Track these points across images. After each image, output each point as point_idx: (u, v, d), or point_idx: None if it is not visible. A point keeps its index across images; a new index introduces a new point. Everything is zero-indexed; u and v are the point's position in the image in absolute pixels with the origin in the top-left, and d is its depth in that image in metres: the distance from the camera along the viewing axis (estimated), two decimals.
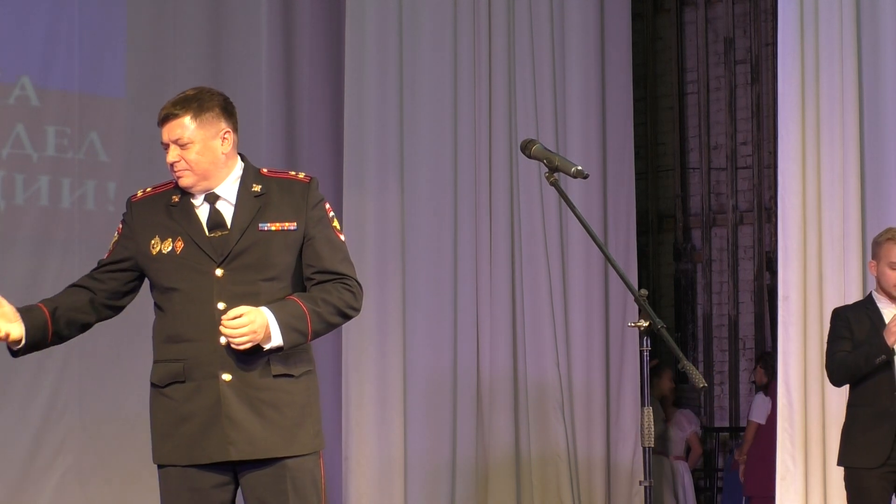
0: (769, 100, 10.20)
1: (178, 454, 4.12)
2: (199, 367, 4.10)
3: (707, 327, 10.78)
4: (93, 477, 7.70)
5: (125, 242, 4.27)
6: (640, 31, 10.90)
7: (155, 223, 4.20)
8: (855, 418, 6.03)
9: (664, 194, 11.08)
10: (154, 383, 4.20)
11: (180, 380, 4.12)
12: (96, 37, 7.88)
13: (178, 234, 4.15)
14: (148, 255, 4.19)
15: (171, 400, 4.14)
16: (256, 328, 3.98)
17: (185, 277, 4.13)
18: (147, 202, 4.26)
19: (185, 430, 4.10)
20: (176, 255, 4.14)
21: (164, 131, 4.27)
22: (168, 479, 4.18)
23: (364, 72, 8.23)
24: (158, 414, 4.17)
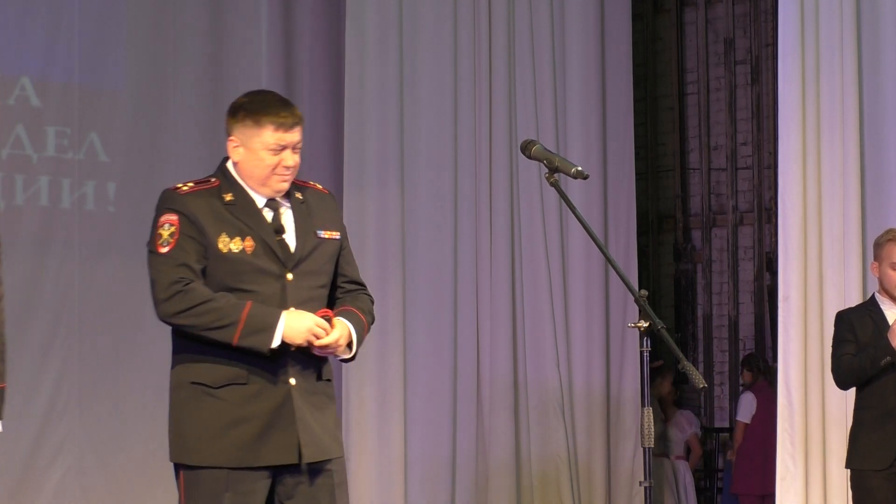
0: (769, 100, 10.19)
1: (228, 456, 4.02)
2: (264, 370, 4.05)
3: (707, 328, 10.78)
4: (93, 477, 7.70)
5: (191, 232, 4.09)
6: (640, 32, 10.90)
7: (218, 219, 4.10)
8: (862, 421, 6.02)
9: (664, 195, 11.08)
10: (203, 383, 4.06)
11: (240, 382, 4.05)
12: (96, 32, 7.88)
13: (248, 234, 4.10)
14: (216, 251, 4.07)
15: (223, 402, 4.04)
16: (345, 342, 4.11)
17: (256, 280, 4.08)
18: (197, 196, 4.14)
19: (239, 433, 4.02)
20: (247, 256, 4.09)
21: (291, 134, 4.14)
22: (204, 480, 4.04)
23: (364, 72, 8.23)
24: (203, 415, 4.04)
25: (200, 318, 4.00)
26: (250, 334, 3.99)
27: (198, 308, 4.00)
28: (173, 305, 4.02)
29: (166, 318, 4.07)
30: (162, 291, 4.05)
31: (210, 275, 4.07)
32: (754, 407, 9.51)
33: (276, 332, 4.00)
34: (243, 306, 4.00)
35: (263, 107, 4.15)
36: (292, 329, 4.02)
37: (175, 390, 4.11)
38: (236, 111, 4.19)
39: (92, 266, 7.80)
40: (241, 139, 4.15)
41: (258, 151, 4.12)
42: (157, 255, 4.10)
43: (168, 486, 8.03)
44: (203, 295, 4.01)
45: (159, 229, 4.13)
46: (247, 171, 4.15)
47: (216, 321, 3.99)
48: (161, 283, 4.06)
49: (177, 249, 4.07)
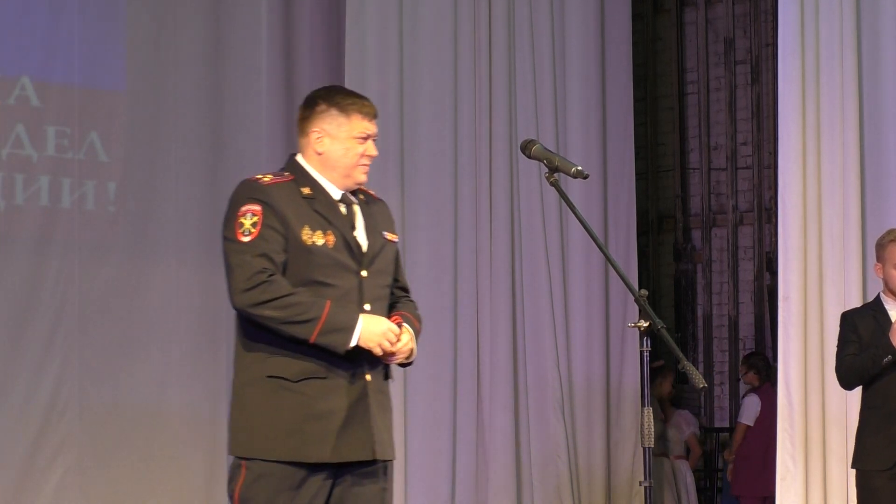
0: (769, 100, 10.19)
1: (306, 452, 4.01)
2: (342, 366, 4.05)
3: (707, 328, 10.77)
4: (93, 477, 7.70)
5: (274, 224, 4.05)
6: (641, 32, 10.89)
7: (300, 212, 4.10)
8: (867, 421, 6.03)
9: (664, 194, 11.08)
10: (282, 377, 4.03)
11: (319, 376, 4.03)
12: (97, 32, 7.88)
13: (328, 229, 4.11)
14: (300, 243, 4.07)
15: (301, 395, 4.02)
16: (412, 347, 4.18)
17: (336, 274, 4.09)
18: (279, 188, 4.12)
19: (318, 427, 4.01)
20: (329, 250, 4.10)
21: (373, 124, 4.27)
22: (273, 476, 4.01)
23: (364, 72, 8.23)
24: (280, 409, 4.01)
25: (282, 311, 3.97)
26: (329, 332, 3.98)
27: (281, 300, 3.97)
28: (256, 295, 3.98)
29: (246, 307, 4.01)
30: (244, 281, 3.99)
31: (291, 267, 4.06)
32: (759, 410, 9.49)
33: (354, 334, 4.01)
34: (324, 304, 3.99)
35: (347, 97, 4.22)
36: (369, 332, 4.04)
37: (247, 385, 4.07)
38: (316, 104, 4.20)
39: (92, 266, 7.80)
40: (325, 130, 4.17)
41: (346, 140, 4.17)
42: (238, 244, 4.04)
43: (168, 486, 8.06)
44: (286, 288, 3.99)
45: (240, 218, 4.06)
46: (331, 162, 4.18)
47: (297, 315, 3.97)
48: (243, 271, 4.00)
49: (259, 239, 4.03)
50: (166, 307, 8.03)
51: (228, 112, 8.37)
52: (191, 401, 8.10)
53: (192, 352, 8.12)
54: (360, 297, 4.11)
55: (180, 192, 8.14)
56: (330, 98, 4.20)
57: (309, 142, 4.20)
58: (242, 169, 8.40)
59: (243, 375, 4.09)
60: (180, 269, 8.13)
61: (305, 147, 4.22)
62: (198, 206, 8.21)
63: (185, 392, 8.08)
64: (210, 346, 8.22)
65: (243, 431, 4.06)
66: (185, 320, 8.11)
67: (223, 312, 8.28)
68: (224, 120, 8.36)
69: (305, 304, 3.98)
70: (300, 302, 3.98)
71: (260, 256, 4.00)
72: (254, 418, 4.04)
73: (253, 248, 4.01)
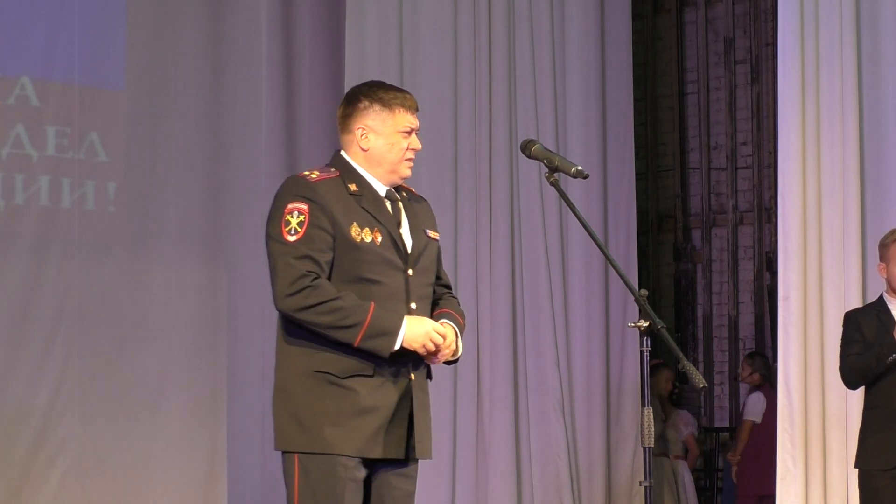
0: (769, 100, 10.19)
1: (353, 445, 4.02)
2: (388, 364, 4.06)
3: (707, 327, 10.77)
4: (93, 477, 7.70)
5: (321, 223, 4.04)
6: (641, 32, 10.89)
7: (348, 209, 4.09)
8: (870, 420, 6.03)
9: (664, 194, 11.08)
10: (329, 373, 4.02)
11: (367, 373, 4.04)
12: (97, 32, 7.88)
13: (375, 226, 4.11)
14: (350, 241, 4.06)
15: (351, 391, 4.02)
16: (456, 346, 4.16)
17: (384, 272, 4.09)
18: (326, 185, 4.12)
19: (365, 423, 4.02)
20: (376, 247, 4.09)
21: (416, 118, 4.27)
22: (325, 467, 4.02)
23: (364, 72, 8.22)
24: (328, 403, 4.01)
25: (325, 317, 3.97)
26: (372, 337, 3.99)
27: (324, 306, 3.96)
28: (300, 301, 3.97)
29: (290, 311, 4.01)
30: (289, 285, 3.98)
31: (339, 264, 4.05)
32: (765, 407, 9.46)
33: (398, 337, 4.01)
34: (367, 308, 3.99)
35: (388, 91, 4.22)
36: (413, 334, 4.04)
37: (293, 378, 4.06)
38: (357, 100, 4.21)
39: (92, 266, 7.80)
40: (370, 126, 4.18)
41: (392, 135, 4.19)
42: (283, 244, 4.02)
43: (168, 486, 8.06)
44: (330, 292, 3.98)
45: (286, 216, 4.04)
46: (377, 157, 4.18)
47: (341, 320, 3.97)
48: (288, 275, 3.99)
49: (305, 239, 4.01)
50: (166, 307, 8.03)
51: (228, 112, 8.37)
52: (191, 401, 8.10)
53: (192, 351, 8.12)
54: (406, 296, 4.12)
55: (180, 191, 8.14)
56: (372, 93, 4.20)
57: (353, 138, 4.20)
58: (242, 169, 8.41)
59: (289, 369, 4.08)
60: (180, 269, 8.13)
61: (349, 144, 4.22)
62: (198, 205, 8.22)
63: (185, 392, 8.08)
64: (210, 345, 8.22)
65: (292, 426, 4.05)
66: (185, 320, 8.11)
67: (223, 312, 8.30)
68: (224, 120, 8.36)
69: (349, 308, 3.97)
70: (343, 307, 3.97)
71: (304, 258, 3.99)
72: (303, 412, 4.03)
73: (298, 249, 4.00)
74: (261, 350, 8.43)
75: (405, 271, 4.14)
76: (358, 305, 3.98)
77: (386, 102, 4.18)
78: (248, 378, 8.36)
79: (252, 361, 8.39)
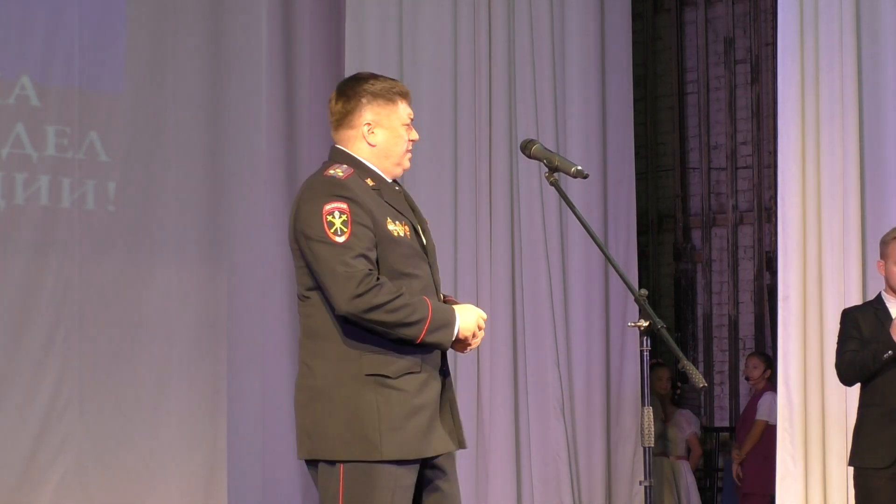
0: (769, 100, 10.19)
1: (407, 448, 3.95)
2: (430, 359, 4.04)
3: (707, 327, 10.77)
4: (93, 477, 7.70)
5: (363, 220, 3.95)
6: (641, 31, 10.89)
7: (378, 203, 4.04)
8: (865, 418, 6.03)
9: (664, 194, 11.08)
10: (382, 374, 3.95)
11: (415, 371, 3.99)
12: (97, 32, 7.88)
13: (402, 219, 4.07)
14: (389, 236, 3.99)
15: (402, 392, 3.96)
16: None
17: (417, 265, 4.08)
18: (355, 181, 4.04)
19: (415, 423, 3.96)
20: (408, 240, 4.06)
21: (412, 109, 4.20)
22: (378, 476, 3.93)
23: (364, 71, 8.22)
24: (384, 407, 3.93)
25: (393, 315, 3.90)
26: (435, 330, 3.96)
27: (392, 304, 3.90)
28: (369, 300, 3.88)
29: (358, 312, 3.89)
30: (356, 286, 3.87)
31: (381, 261, 3.98)
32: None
33: (455, 328, 4.01)
34: (426, 302, 3.96)
35: (385, 82, 4.16)
36: (466, 322, 4.05)
37: (339, 385, 3.95)
38: (359, 95, 4.13)
39: (92, 266, 7.80)
40: (376, 120, 4.11)
41: (397, 128, 4.14)
42: (333, 245, 3.91)
43: (168, 486, 8.05)
44: (394, 290, 3.92)
45: (327, 217, 3.93)
46: (385, 151, 4.13)
47: (407, 317, 3.92)
48: (352, 276, 3.87)
49: (354, 238, 3.92)
50: (166, 307, 8.04)
51: (228, 112, 8.37)
52: (191, 401, 8.10)
53: (192, 352, 8.12)
54: (436, 286, 4.12)
55: (180, 191, 8.14)
56: (370, 87, 4.13)
57: (358, 134, 4.13)
58: (242, 169, 8.41)
59: (333, 376, 3.96)
60: (180, 269, 8.13)
61: (352, 139, 4.13)
62: (198, 205, 8.22)
63: (185, 392, 8.08)
64: (210, 345, 8.22)
65: (339, 434, 3.93)
66: (185, 320, 8.11)
67: (223, 312, 8.29)
68: (224, 120, 8.36)
69: (412, 304, 3.93)
70: (408, 303, 3.92)
71: (360, 258, 3.91)
72: (353, 419, 3.93)
73: (351, 249, 3.91)
74: (261, 350, 8.44)
75: (427, 262, 4.13)
76: (419, 301, 3.95)
77: (388, 96, 4.13)
78: (248, 378, 8.36)
79: (252, 362, 8.39)
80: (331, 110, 4.19)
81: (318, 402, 3.97)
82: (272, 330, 8.50)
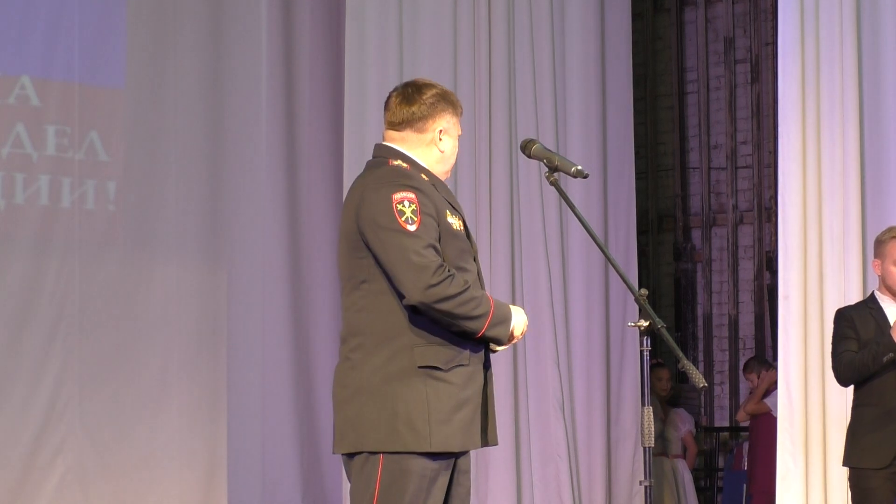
0: (769, 99, 10.19)
1: (453, 441, 3.98)
2: (477, 352, 4.07)
3: (707, 327, 10.78)
4: (93, 477, 7.70)
5: (430, 210, 3.98)
6: (640, 31, 10.89)
7: (438, 197, 4.07)
8: (861, 418, 6.01)
9: (664, 194, 11.08)
10: (434, 366, 3.96)
11: (464, 363, 4.02)
12: (97, 31, 7.88)
13: (458, 214, 4.13)
14: (449, 228, 4.04)
15: (451, 385, 3.98)
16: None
17: (469, 260, 4.12)
18: (416, 173, 4.09)
19: (462, 416, 4.00)
20: (463, 235, 4.11)
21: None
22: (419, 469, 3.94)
23: (364, 72, 8.23)
24: (433, 400, 3.94)
25: (462, 307, 3.93)
26: (496, 325, 4.01)
27: (462, 295, 3.93)
28: (443, 290, 3.90)
29: (430, 302, 3.90)
30: (430, 276, 3.88)
31: (442, 253, 4.01)
32: None
33: (511, 324, 4.06)
34: (488, 297, 4.01)
35: (452, 95, 4.22)
36: (519, 321, 4.10)
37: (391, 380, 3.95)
38: (436, 101, 4.17)
39: (92, 266, 7.80)
40: (446, 128, 4.17)
41: (456, 139, 4.21)
42: (406, 234, 3.92)
43: (168, 486, 8.06)
44: (463, 281, 3.95)
45: (398, 205, 3.95)
46: (448, 159, 4.19)
47: (474, 310, 3.95)
48: (426, 266, 3.89)
49: (424, 228, 3.95)
50: (166, 307, 8.04)
51: (228, 111, 8.37)
52: (191, 401, 8.10)
53: (192, 352, 8.13)
54: (482, 282, 4.15)
55: (180, 191, 8.15)
56: (444, 97, 4.19)
57: (428, 138, 4.16)
58: (242, 169, 8.42)
59: (380, 369, 3.96)
60: (180, 269, 8.13)
61: (419, 143, 4.16)
62: (198, 205, 8.22)
63: (185, 392, 8.08)
64: (210, 345, 8.22)
65: (384, 425, 3.94)
66: (185, 320, 8.11)
67: (223, 312, 8.29)
68: (224, 119, 8.36)
69: (478, 298, 3.97)
70: (475, 296, 3.96)
71: (431, 248, 3.94)
72: (402, 411, 3.94)
73: (423, 239, 3.93)
74: (261, 350, 8.44)
75: (474, 258, 4.17)
76: (482, 295, 4.00)
77: (453, 105, 4.20)
78: (248, 378, 8.37)
79: (252, 362, 8.40)
80: (392, 110, 4.23)
81: (363, 394, 3.98)
82: (272, 330, 8.50)
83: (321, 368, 8.58)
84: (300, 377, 8.61)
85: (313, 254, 8.69)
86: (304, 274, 8.62)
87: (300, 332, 8.63)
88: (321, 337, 8.63)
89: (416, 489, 3.94)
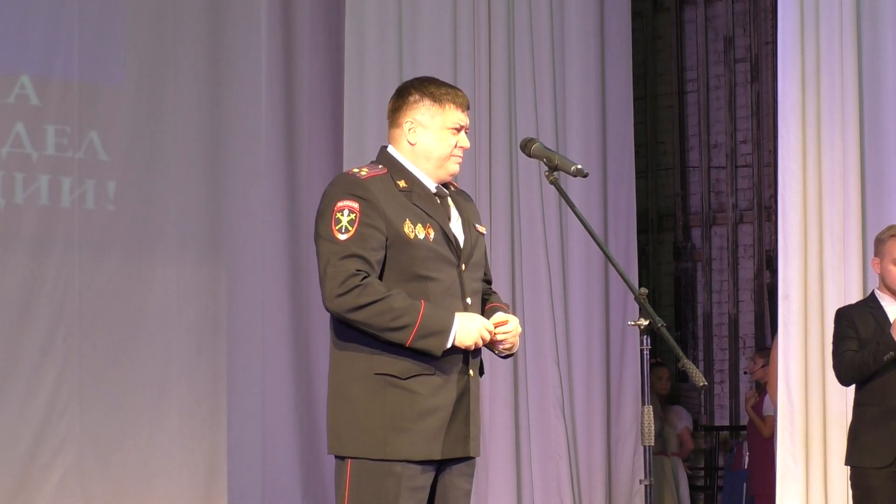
0: (769, 98, 10.19)
1: (416, 449, 3.97)
2: (448, 361, 4.03)
3: (707, 326, 10.77)
4: (93, 477, 7.70)
5: (373, 221, 3.99)
6: (640, 30, 10.89)
7: (399, 205, 4.05)
8: (862, 417, 6.02)
9: (664, 193, 11.08)
10: (390, 374, 3.97)
11: (428, 373, 4.00)
12: (96, 31, 7.88)
13: (427, 222, 4.08)
14: (404, 238, 4.02)
15: (413, 394, 3.97)
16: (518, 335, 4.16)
17: (439, 268, 4.07)
18: (377, 182, 4.07)
19: (425, 425, 3.98)
20: (430, 243, 4.06)
21: (466, 115, 4.28)
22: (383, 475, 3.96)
23: (364, 72, 8.23)
24: (389, 406, 3.95)
25: (376, 318, 3.91)
26: (424, 337, 3.94)
27: (374, 306, 3.91)
28: (350, 300, 3.91)
29: (340, 312, 3.94)
30: (338, 285, 3.92)
31: (394, 262, 4.01)
32: None
33: (450, 335, 3.98)
34: (418, 307, 3.94)
35: (440, 87, 4.21)
36: (465, 332, 4.02)
37: (351, 381, 4.00)
38: (408, 94, 4.18)
39: (92, 265, 7.80)
40: (418, 120, 4.16)
41: (440, 131, 4.18)
42: (334, 243, 3.97)
43: (168, 486, 8.05)
44: (380, 292, 3.92)
45: (336, 214, 4.00)
46: (424, 152, 4.16)
47: (391, 321, 3.92)
48: (337, 275, 3.93)
49: (356, 238, 3.96)
50: (166, 306, 8.04)
51: (228, 111, 8.37)
52: (191, 401, 8.10)
53: (192, 352, 8.12)
54: (462, 291, 4.10)
55: (180, 191, 8.14)
56: (423, 88, 4.19)
57: (401, 132, 4.18)
58: (242, 168, 8.42)
59: (346, 372, 4.01)
60: (180, 269, 8.13)
61: (397, 138, 4.19)
62: (197, 204, 8.22)
63: (185, 392, 8.08)
64: (210, 345, 8.22)
65: (349, 430, 3.99)
66: (185, 319, 8.11)
67: (223, 312, 8.29)
68: (224, 119, 8.36)
69: (399, 308, 3.92)
70: (394, 307, 3.92)
71: (354, 257, 3.94)
72: (361, 416, 3.97)
73: (347, 248, 3.94)
74: (261, 350, 8.44)
75: (458, 267, 4.12)
76: (409, 305, 3.93)
77: (437, 98, 4.18)
78: (248, 378, 8.37)
79: (252, 361, 8.39)
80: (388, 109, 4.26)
81: (335, 398, 4.04)
82: (272, 329, 8.50)
83: (321, 368, 8.58)
84: (300, 377, 8.61)
85: (313, 254, 8.67)
86: (303, 274, 8.61)
87: (300, 332, 8.63)
88: (321, 337, 8.62)
89: (385, 494, 3.94)
